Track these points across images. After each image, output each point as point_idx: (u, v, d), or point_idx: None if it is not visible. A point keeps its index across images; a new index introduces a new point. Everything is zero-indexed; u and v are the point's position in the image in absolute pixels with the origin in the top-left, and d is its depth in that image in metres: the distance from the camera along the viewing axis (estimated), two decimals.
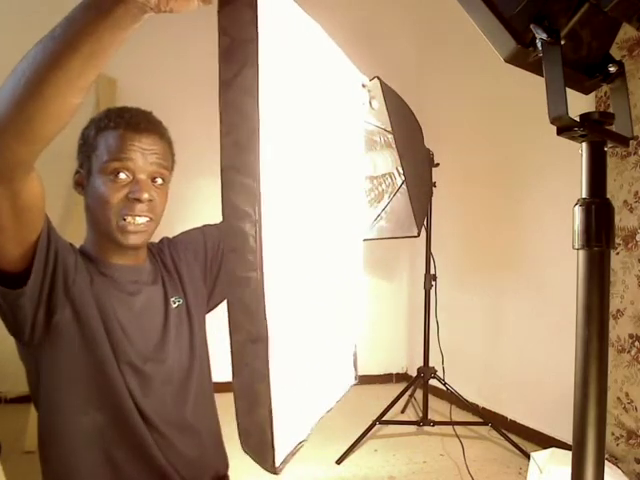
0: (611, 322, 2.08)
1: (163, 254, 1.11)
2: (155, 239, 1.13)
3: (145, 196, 0.93)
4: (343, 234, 0.70)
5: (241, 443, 0.43)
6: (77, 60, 0.56)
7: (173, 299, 1.06)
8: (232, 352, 0.42)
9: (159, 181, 0.98)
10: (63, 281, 0.88)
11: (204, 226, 1.19)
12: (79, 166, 0.99)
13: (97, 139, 0.95)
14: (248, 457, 0.44)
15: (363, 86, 0.81)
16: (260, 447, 0.42)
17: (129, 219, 0.93)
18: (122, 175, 0.93)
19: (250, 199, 0.42)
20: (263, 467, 0.43)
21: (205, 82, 1.45)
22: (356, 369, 0.76)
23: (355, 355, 0.76)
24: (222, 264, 1.15)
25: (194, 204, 2.80)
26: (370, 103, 0.83)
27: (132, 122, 0.95)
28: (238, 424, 0.43)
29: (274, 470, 0.43)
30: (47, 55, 0.57)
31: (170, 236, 1.18)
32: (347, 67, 0.72)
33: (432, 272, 2.57)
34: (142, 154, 0.94)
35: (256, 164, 0.42)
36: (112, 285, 0.98)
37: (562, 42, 0.49)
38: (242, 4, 0.42)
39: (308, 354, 0.56)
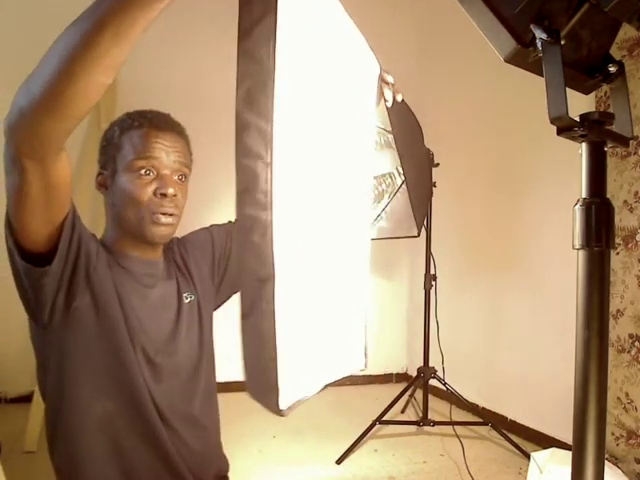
0: (611, 322, 2.08)
1: (173, 252, 1.14)
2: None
3: (171, 191, 0.96)
4: (352, 203, 0.70)
5: (246, 386, 0.43)
6: (103, 38, 0.58)
7: (185, 294, 1.09)
8: (242, 293, 0.43)
9: (181, 178, 1.02)
10: (85, 267, 0.90)
11: (211, 226, 1.22)
12: (101, 167, 1.02)
13: (122, 139, 0.98)
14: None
15: (387, 83, 0.81)
16: (264, 388, 0.42)
17: (158, 215, 0.97)
18: (147, 172, 0.96)
19: (262, 141, 0.42)
20: (268, 409, 0.43)
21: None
22: (366, 357, 0.77)
23: (365, 344, 0.78)
24: (229, 264, 1.18)
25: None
26: (394, 98, 0.83)
27: (154, 121, 0.99)
28: (244, 366, 0.43)
29: (279, 412, 0.43)
30: (77, 33, 0.59)
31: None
32: (363, 49, 0.72)
33: (432, 272, 2.57)
34: (165, 152, 0.98)
35: (270, 107, 0.42)
36: (129, 276, 1.00)
37: (562, 42, 0.49)
38: None
39: (315, 309, 0.56)
